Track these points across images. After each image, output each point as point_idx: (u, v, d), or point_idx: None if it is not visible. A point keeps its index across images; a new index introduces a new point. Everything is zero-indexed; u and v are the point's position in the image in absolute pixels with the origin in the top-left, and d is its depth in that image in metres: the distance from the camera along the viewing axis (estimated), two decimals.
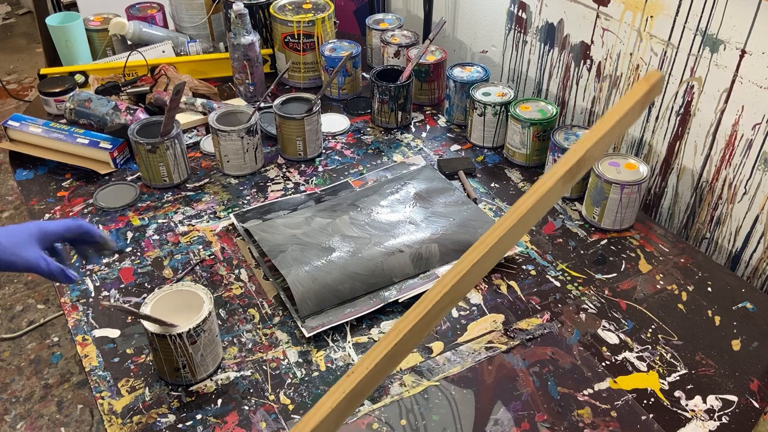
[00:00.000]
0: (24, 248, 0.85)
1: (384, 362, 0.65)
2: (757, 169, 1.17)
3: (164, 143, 1.31)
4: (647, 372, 1.00)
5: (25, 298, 2.24)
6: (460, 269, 0.69)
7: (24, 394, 1.93)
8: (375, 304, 1.09)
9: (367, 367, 0.62)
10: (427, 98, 1.64)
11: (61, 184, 1.39)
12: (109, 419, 0.94)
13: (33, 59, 3.59)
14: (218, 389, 0.98)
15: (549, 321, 1.09)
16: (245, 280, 1.16)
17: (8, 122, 1.45)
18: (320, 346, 1.04)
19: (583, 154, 0.72)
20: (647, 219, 1.30)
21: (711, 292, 1.14)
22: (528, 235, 1.26)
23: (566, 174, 0.72)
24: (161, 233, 1.26)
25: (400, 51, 1.67)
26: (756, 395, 0.97)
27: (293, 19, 1.63)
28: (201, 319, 0.93)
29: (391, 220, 1.23)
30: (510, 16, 1.63)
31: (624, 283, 1.16)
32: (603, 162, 1.26)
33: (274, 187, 1.38)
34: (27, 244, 0.86)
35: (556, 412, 0.95)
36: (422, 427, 0.93)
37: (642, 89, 0.71)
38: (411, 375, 1.00)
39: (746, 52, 1.13)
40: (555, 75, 1.56)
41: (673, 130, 1.31)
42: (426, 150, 1.49)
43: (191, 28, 1.80)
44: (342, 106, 1.64)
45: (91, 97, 1.45)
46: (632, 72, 1.35)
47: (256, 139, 1.38)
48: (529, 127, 1.38)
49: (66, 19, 1.71)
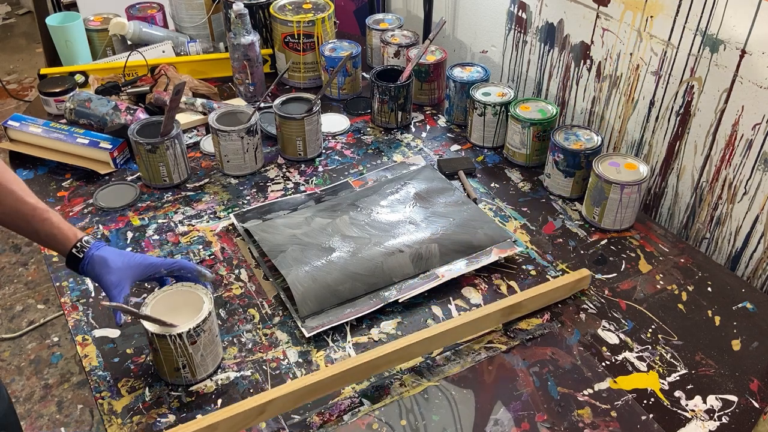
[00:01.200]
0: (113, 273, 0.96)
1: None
2: (757, 169, 1.17)
3: (164, 143, 1.31)
4: (647, 372, 1.00)
5: (25, 298, 2.24)
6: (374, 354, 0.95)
7: (24, 394, 1.93)
8: (375, 304, 1.09)
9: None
10: (427, 98, 1.64)
11: (61, 184, 1.39)
12: (109, 419, 0.94)
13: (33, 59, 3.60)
14: (218, 389, 0.98)
15: (549, 321, 1.09)
16: (245, 280, 1.16)
17: (8, 122, 1.45)
18: (320, 346, 1.04)
19: (521, 300, 1.05)
20: (647, 219, 1.30)
21: (711, 292, 1.14)
22: (528, 235, 1.26)
23: (505, 308, 1.04)
24: (161, 233, 1.26)
25: (400, 51, 1.67)
26: (756, 395, 0.97)
27: (293, 19, 1.63)
28: (201, 319, 0.93)
29: (391, 220, 1.23)
30: (510, 16, 1.63)
31: (624, 283, 1.16)
32: (603, 162, 1.26)
33: (274, 187, 1.38)
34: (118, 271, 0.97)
35: (556, 412, 0.95)
36: (422, 427, 0.93)
37: (574, 277, 1.11)
38: (411, 375, 1.00)
39: (746, 52, 1.13)
40: (555, 75, 1.56)
41: (673, 130, 1.31)
42: (426, 150, 1.49)
43: (191, 28, 1.80)
44: (342, 106, 1.64)
45: (91, 97, 1.45)
46: (632, 72, 1.35)
47: (256, 139, 1.38)
48: (529, 127, 1.38)
49: (66, 19, 1.71)
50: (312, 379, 0.92)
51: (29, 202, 0.95)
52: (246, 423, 0.89)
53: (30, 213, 0.94)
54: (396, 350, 0.96)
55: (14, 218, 0.94)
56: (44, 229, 0.95)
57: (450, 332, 1.00)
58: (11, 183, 0.94)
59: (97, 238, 1.04)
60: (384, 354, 0.96)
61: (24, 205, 0.94)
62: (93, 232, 1.26)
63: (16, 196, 0.94)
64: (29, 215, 0.95)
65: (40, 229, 0.95)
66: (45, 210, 0.96)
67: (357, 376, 0.96)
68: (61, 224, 0.97)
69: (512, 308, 1.05)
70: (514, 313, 1.06)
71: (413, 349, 0.98)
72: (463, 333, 1.03)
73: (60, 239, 0.97)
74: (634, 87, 1.36)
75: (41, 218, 0.95)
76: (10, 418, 1.13)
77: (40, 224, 0.95)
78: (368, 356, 0.95)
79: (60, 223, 0.97)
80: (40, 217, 0.95)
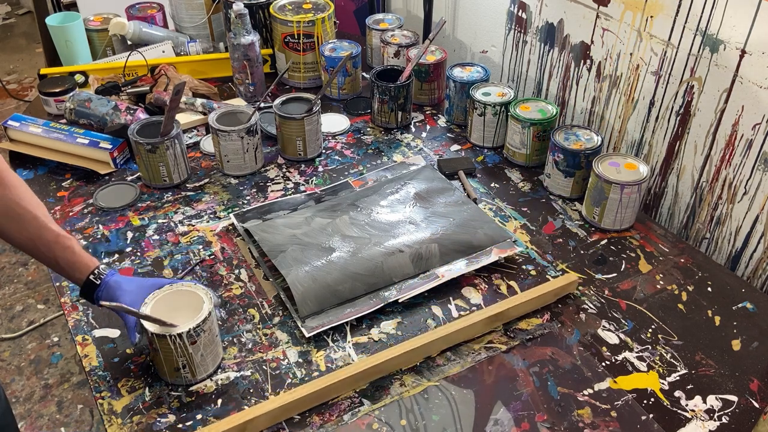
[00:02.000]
0: (127, 296, 0.97)
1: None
2: (757, 169, 1.17)
3: (164, 143, 1.31)
4: (647, 372, 1.00)
5: (25, 298, 2.24)
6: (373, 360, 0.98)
7: (24, 394, 1.93)
8: (375, 304, 1.09)
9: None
10: (427, 98, 1.64)
11: (61, 184, 1.39)
12: (109, 419, 0.94)
13: (33, 59, 3.60)
14: (218, 389, 0.98)
15: (549, 321, 1.09)
16: (245, 280, 1.16)
17: (8, 122, 1.45)
18: (320, 346, 1.04)
19: (507, 309, 1.07)
20: (647, 219, 1.30)
21: (711, 292, 1.14)
22: (528, 235, 1.26)
23: (492, 315, 1.06)
24: (161, 233, 1.26)
25: (400, 51, 1.67)
26: (756, 395, 0.97)
27: (293, 19, 1.63)
28: (201, 319, 0.93)
29: (391, 220, 1.23)
30: (510, 16, 1.63)
31: (624, 283, 1.16)
32: (603, 162, 1.26)
33: (274, 187, 1.38)
34: (132, 295, 0.97)
35: (556, 412, 0.95)
36: (422, 427, 0.93)
37: (560, 283, 1.11)
38: (411, 375, 1.00)
39: (746, 52, 1.13)
40: (555, 75, 1.56)
41: (673, 130, 1.31)
42: (426, 150, 1.49)
43: (191, 28, 1.80)
44: (342, 106, 1.64)
45: (91, 97, 1.45)
46: (632, 72, 1.35)
47: (256, 139, 1.38)
48: (529, 127, 1.38)
49: (66, 19, 1.71)
50: (309, 389, 0.94)
51: (52, 229, 0.95)
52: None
53: (53, 240, 0.95)
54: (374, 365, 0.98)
55: (36, 244, 0.94)
56: (65, 256, 0.96)
57: (424, 347, 1.01)
58: (35, 209, 0.94)
59: (110, 266, 1.04)
60: (373, 365, 0.97)
61: (48, 232, 0.94)
62: (93, 232, 1.26)
63: (40, 222, 0.94)
64: (52, 242, 0.95)
65: (60, 256, 0.95)
66: (67, 238, 0.96)
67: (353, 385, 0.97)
68: (81, 253, 0.98)
69: (498, 316, 1.06)
70: (498, 320, 1.06)
71: (384, 367, 0.99)
72: (441, 346, 1.04)
73: (79, 267, 0.97)
74: (634, 87, 1.36)
75: (63, 245, 0.95)
76: (7, 419, 1.14)
77: (61, 252, 0.95)
78: (363, 365, 0.97)
79: (81, 251, 0.98)
80: (63, 245, 0.95)
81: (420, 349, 1.00)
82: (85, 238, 1.24)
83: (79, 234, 1.25)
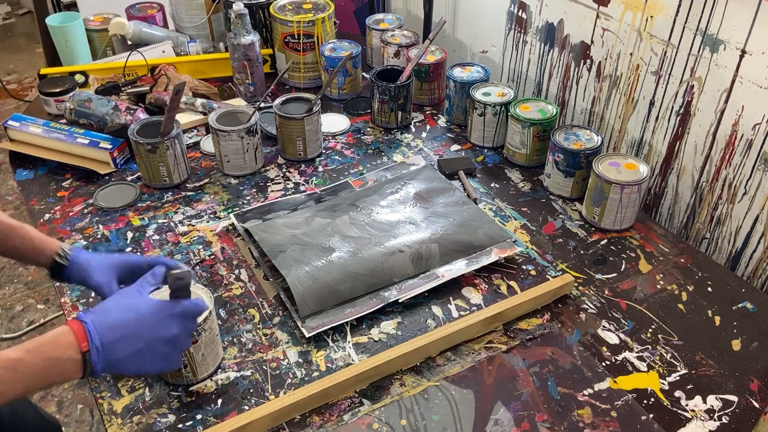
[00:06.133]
0: (98, 273, 0.97)
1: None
2: (757, 169, 1.17)
3: (164, 143, 1.31)
4: (647, 372, 1.00)
5: (25, 298, 2.24)
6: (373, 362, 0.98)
7: None
8: (375, 305, 1.09)
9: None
10: (427, 98, 1.64)
11: (61, 184, 1.39)
12: (109, 419, 0.94)
13: (33, 59, 3.60)
14: (218, 389, 0.98)
15: (549, 321, 1.09)
16: (245, 280, 1.16)
17: (8, 122, 1.45)
18: (320, 346, 1.04)
19: (507, 309, 1.06)
20: (647, 219, 1.30)
21: (711, 292, 1.14)
22: (528, 235, 1.26)
23: (492, 316, 1.06)
24: (161, 233, 1.26)
25: (400, 51, 1.67)
26: (756, 395, 0.97)
27: (293, 19, 1.63)
28: (201, 319, 0.93)
29: (391, 220, 1.23)
30: (510, 16, 1.63)
31: (624, 283, 1.16)
32: (603, 162, 1.26)
33: (274, 187, 1.38)
34: (104, 271, 0.97)
35: (556, 412, 0.95)
36: (422, 427, 0.93)
37: (557, 284, 1.11)
38: (411, 375, 1.00)
39: (746, 52, 1.13)
40: (555, 75, 1.56)
41: (673, 130, 1.31)
42: (426, 150, 1.49)
43: (191, 28, 1.80)
44: (342, 106, 1.64)
45: (91, 97, 1.45)
46: (632, 72, 1.35)
47: (256, 139, 1.38)
48: (529, 127, 1.38)
49: (66, 19, 1.71)
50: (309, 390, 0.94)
51: (4, 221, 0.96)
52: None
53: (9, 231, 0.96)
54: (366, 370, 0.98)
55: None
56: (24, 244, 0.97)
57: (424, 347, 1.01)
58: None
59: (73, 246, 1.04)
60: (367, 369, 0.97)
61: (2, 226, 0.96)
62: (93, 232, 1.26)
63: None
64: (7, 232, 0.96)
65: (19, 245, 0.96)
66: (21, 226, 0.97)
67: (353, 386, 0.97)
68: (40, 236, 0.98)
69: (498, 316, 1.06)
70: (499, 320, 1.06)
71: (384, 367, 0.99)
72: (441, 346, 1.04)
73: (41, 249, 0.98)
74: (634, 87, 1.36)
75: (20, 235, 0.97)
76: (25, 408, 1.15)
77: (19, 240, 0.96)
78: (363, 366, 0.97)
79: (39, 235, 0.98)
80: (20, 235, 0.96)
81: (420, 350, 1.00)
82: (85, 238, 1.24)
83: (79, 234, 1.25)
